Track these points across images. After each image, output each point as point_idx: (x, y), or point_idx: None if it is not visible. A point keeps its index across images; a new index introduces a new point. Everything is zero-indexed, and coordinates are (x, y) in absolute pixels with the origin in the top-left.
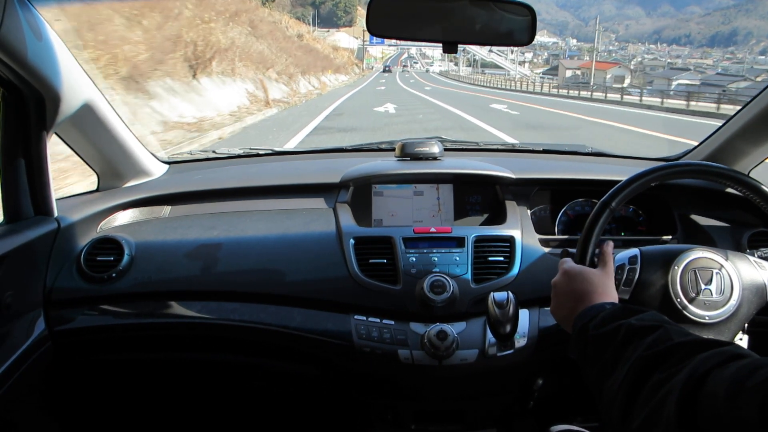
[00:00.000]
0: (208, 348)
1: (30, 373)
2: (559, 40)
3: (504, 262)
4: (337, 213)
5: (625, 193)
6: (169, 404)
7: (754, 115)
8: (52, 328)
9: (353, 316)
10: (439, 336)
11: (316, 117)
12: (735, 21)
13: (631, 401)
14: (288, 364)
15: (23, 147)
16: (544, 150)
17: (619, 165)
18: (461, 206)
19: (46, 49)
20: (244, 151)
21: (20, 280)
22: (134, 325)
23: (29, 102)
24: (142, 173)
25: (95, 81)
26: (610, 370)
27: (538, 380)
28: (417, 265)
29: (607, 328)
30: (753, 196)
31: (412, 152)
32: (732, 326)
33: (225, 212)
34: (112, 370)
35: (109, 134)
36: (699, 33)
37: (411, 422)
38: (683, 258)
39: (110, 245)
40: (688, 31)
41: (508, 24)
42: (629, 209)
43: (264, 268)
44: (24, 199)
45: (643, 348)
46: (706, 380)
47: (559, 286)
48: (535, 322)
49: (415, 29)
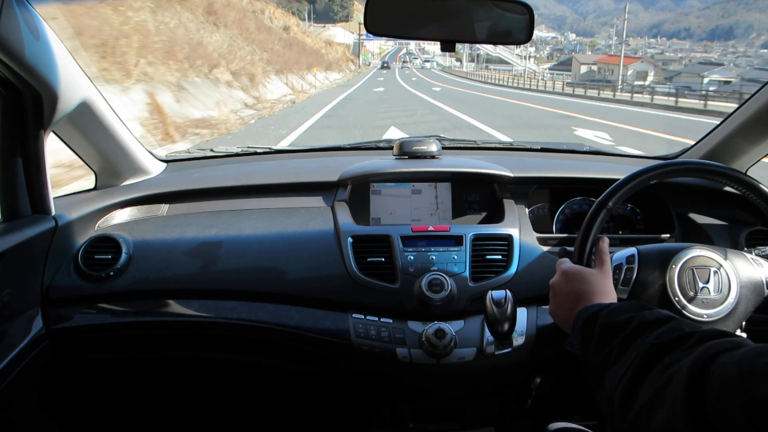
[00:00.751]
0: (207, 347)
1: (28, 372)
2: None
3: (502, 261)
4: (335, 211)
5: (622, 191)
6: (167, 403)
7: (752, 114)
8: (50, 326)
9: (351, 314)
10: (437, 334)
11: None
12: (735, 14)
13: (637, 385)
14: (286, 363)
15: (21, 145)
16: (542, 148)
17: (617, 163)
18: (459, 205)
19: (43, 48)
20: (242, 150)
21: (18, 278)
22: (132, 323)
23: (27, 100)
24: (139, 171)
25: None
26: (616, 358)
27: (536, 378)
28: (415, 263)
29: (619, 318)
30: (750, 195)
31: (410, 151)
32: (730, 324)
33: (223, 211)
34: (110, 369)
35: (107, 132)
36: (699, 27)
37: (409, 421)
38: (681, 257)
39: (108, 243)
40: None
41: (506, 22)
42: (627, 208)
43: (262, 267)
44: (21, 197)
45: (654, 337)
46: (713, 363)
47: (558, 287)
48: (533, 321)
49: (414, 28)
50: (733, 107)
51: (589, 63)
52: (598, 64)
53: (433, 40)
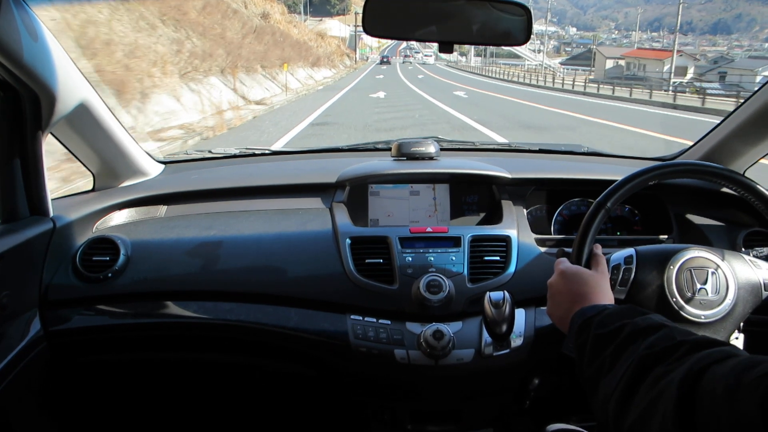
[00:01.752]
0: (205, 348)
1: (26, 374)
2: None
3: (500, 262)
4: (334, 213)
5: (620, 192)
6: (165, 404)
7: (749, 115)
8: (48, 328)
9: (350, 316)
10: (435, 336)
11: None
12: (737, 7)
13: (629, 396)
14: (284, 365)
15: (19, 147)
16: (540, 150)
17: (615, 165)
18: (457, 206)
19: (41, 49)
20: (240, 151)
21: (16, 280)
22: (130, 325)
23: (25, 102)
24: (138, 173)
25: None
26: (609, 367)
27: (534, 380)
28: (413, 264)
29: (611, 326)
30: (748, 196)
31: (408, 152)
32: (728, 325)
33: (221, 212)
34: (108, 370)
35: (105, 134)
36: (701, 20)
37: (408, 422)
38: (679, 258)
39: (106, 245)
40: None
41: (504, 24)
42: (625, 209)
43: (260, 268)
44: (20, 199)
45: (646, 347)
46: (703, 376)
47: (556, 287)
48: (531, 322)
49: (412, 29)
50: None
51: (615, 57)
52: (627, 59)
53: (431, 41)
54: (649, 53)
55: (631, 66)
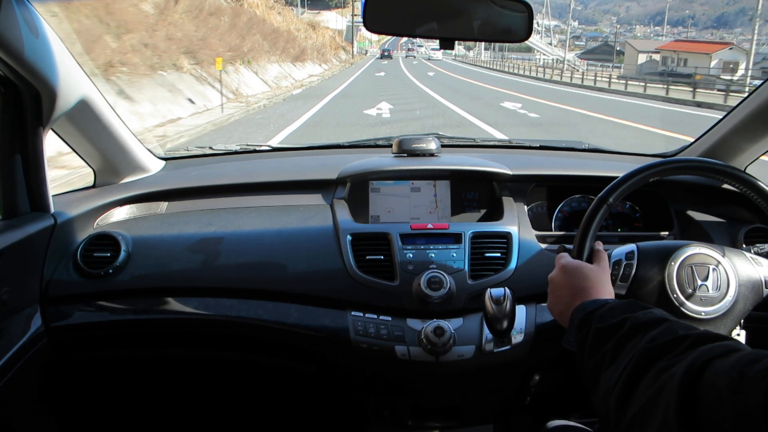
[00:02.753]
0: (205, 344)
1: (27, 370)
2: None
3: (501, 258)
4: (334, 209)
5: (622, 189)
6: (165, 400)
7: (751, 112)
8: (49, 324)
9: (350, 312)
10: (436, 332)
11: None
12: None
13: (631, 390)
14: (285, 361)
15: (20, 143)
16: (540, 146)
17: (616, 161)
18: (458, 202)
19: (42, 45)
20: (241, 147)
21: (17, 276)
22: (131, 321)
23: (25, 98)
24: (138, 169)
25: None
26: (610, 361)
27: (534, 376)
28: (414, 261)
29: (612, 320)
30: (749, 192)
31: (408, 149)
32: (728, 322)
33: (222, 208)
34: (108, 366)
35: (106, 130)
36: (704, 14)
37: (408, 418)
38: (680, 254)
39: (107, 241)
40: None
41: (505, 20)
42: (626, 205)
43: (261, 264)
44: (20, 195)
45: (647, 341)
46: (706, 369)
47: (556, 281)
48: (532, 318)
49: (413, 25)
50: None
51: (649, 51)
52: (663, 52)
53: (432, 37)
54: (692, 46)
55: (668, 61)
